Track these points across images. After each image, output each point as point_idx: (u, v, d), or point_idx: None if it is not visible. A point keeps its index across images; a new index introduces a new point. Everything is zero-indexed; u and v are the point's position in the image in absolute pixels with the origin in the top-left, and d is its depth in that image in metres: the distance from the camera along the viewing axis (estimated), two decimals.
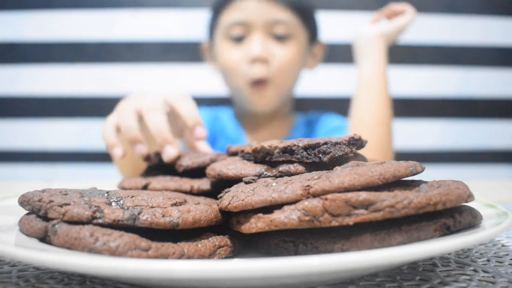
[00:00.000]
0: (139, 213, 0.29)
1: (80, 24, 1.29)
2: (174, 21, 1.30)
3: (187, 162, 0.45)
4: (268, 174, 0.36)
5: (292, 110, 1.08)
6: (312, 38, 0.98)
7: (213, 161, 0.44)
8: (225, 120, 1.06)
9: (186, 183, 0.42)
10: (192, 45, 1.30)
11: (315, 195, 0.28)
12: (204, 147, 0.59)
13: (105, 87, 1.30)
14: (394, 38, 0.91)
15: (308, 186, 0.29)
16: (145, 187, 0.42)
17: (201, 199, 0.38)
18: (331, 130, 1.00)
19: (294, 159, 0.36)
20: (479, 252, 0.35)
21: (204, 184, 0.41)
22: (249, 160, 0.39)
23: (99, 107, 1.30)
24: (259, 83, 0.90)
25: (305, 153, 0.36)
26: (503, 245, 0.38)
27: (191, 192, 0.41)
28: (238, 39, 0.91)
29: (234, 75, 0.92)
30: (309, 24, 0.96)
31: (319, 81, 1.25)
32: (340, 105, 1.19)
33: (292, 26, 0.91)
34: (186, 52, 1.30)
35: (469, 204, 0.34)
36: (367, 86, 0.87)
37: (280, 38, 0.91)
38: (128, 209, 0.29)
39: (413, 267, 0.32)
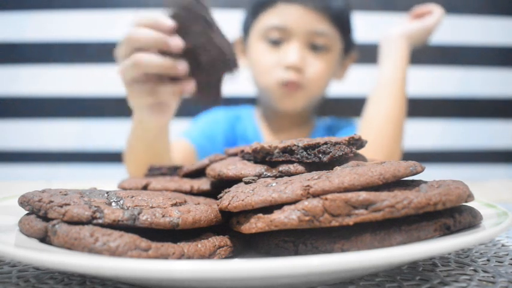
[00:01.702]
0: (139, 214, 0.29)
1: (80, 24, 1.29)
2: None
3: (187, 167, 0.46)
4: (268, 174, 0.36)
5: (314, 114, 1.08)
6: (346, 50, 0.98)
7: (212, 162, 0.44)
8: (246, 122, 1.06)
9: (186, 184, 0.42)
10: None
11: (315, 195, 0.28)
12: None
13: (105, 87, 1.30)
14: (421, 38, 0.89)
15: (308, 186, 0.29)
16: (145, 187, 0.42)
17: (201, 199, 0.38)
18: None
19: (293, 159, 0.36)
20: (479, 252, 0.35)
21: (204, 184, 0.41)
22: (249, 160, 0.39)
23: (99, 107, 1.30)
24: (290, 85, 0.90)
25: (305, 153, 0.36)
26: (503, 245, 0.38)
27: (191, 193, 0.41)
28: (275, 43, 0.91)
29: (266, 76, 0.92)
30: (345, 36, 0.95)
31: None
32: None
33: (331, 38, 0.91)
34: None
35: (469, 204, 0.34)
36: (384, 85, 0.86)
37: (318, 49, 0.91)
38: (127, 209, 0.29)
39: (413, 267, 0.32)
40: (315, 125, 1.07)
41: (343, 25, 0.93)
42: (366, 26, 1.28)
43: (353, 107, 1.24)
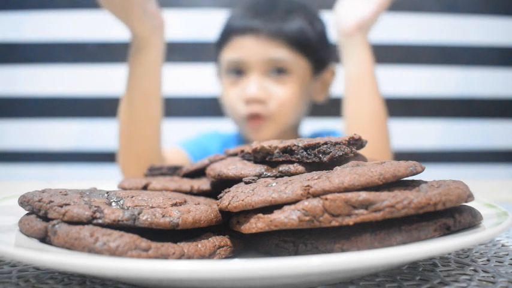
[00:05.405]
0: (139, 214, 0.29)
1: (80, 24, 1.29)
2: (174, 21, 1.30)
3: (187, 166, 0.46)
4: (268, 174, 0.36)
5: (299, 133, 1.05)
6: (317, 68, 0.95)
7: (212, 162, 0.44)
8: (239, 144, 1.06)
9: (186, 184, 0.42)
10: (192, 46, 1.30)
11: (315, 195, 0.28)
12: None
13: (105, 87, 1.30)
14: (372, 24, 0.82)
15: (308, 186, 0.29)
16: (145, 187, 0.42)
17: (201, 199, 0.38)
18: None
19: (294, 159, 0.36)
20: (479, 252, 0.35)
21: (204, 184, 0.41)
22: (249, 160, 0.39)
23: (99, 107, 1.30)
24: (255, 118, 0.88)
25: (305, 153, 0.36)
26: (503, 245, 0.38)
27: (191, 193, 0.41)
28: (237, 75, 0.90)
29: (233, 111, 0.92)
30: (311, 55, 0.91)
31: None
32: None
33: (290, 63, 0.89)
34: (186, 52, 1.30)
35: (469, 204, 0.34)
36: (354, 87, 0.82)
37: (279, 74, 0.88)
38: (128, 209, 0.29)
39: (413, 267, 0.32)
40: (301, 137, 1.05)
41: (303, 46, 0.89)
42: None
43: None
